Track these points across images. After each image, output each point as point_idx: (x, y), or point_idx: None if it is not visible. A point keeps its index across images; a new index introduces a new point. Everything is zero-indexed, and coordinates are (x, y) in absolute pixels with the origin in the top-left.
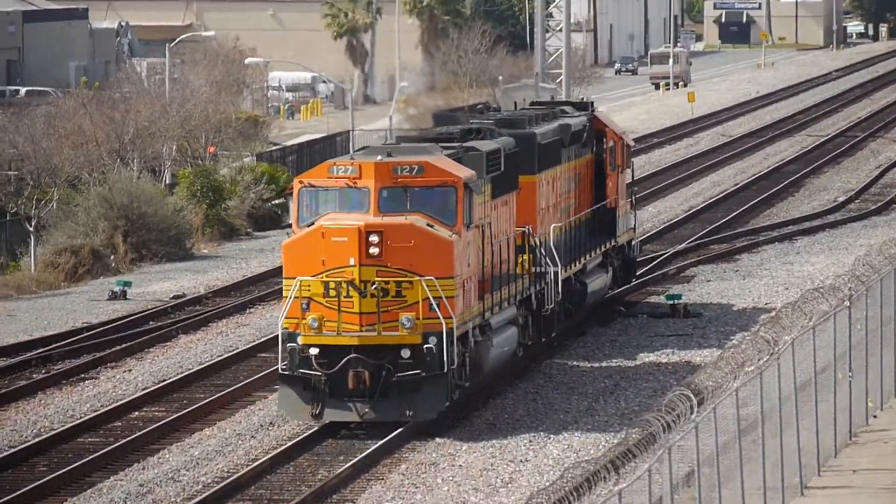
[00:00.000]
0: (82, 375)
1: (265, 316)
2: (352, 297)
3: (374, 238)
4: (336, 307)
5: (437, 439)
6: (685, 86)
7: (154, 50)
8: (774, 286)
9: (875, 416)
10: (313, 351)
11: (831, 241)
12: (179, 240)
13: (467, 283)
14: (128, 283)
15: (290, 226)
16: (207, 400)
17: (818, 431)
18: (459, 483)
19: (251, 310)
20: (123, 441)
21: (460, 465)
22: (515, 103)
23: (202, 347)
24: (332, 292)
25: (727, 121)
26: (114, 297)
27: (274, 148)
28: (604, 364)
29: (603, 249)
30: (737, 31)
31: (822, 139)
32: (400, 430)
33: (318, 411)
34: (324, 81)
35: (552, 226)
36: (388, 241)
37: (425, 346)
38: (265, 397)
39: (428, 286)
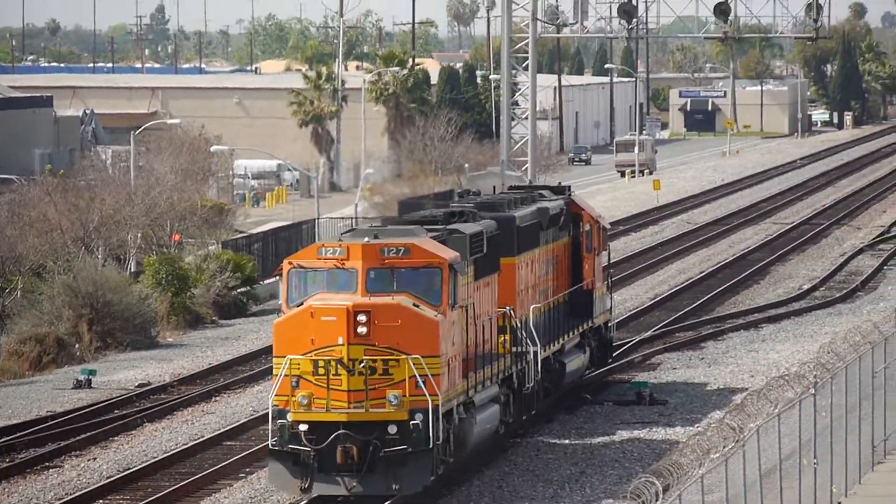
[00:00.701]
0: (47, 464)
1: (231, 404)
2: (340, 374)
3: (361, 317)
4: (325, 385)
5: None
6: (651, 173)
7: (119, 138)
8: (740, 373)
9: (840, 503)
10: (303, 427)
11: (796, 329)
12: (145, 328)
13: (452, 362)
14: (93, 372)
15: (278, 309)
16: (172, 488)
17: None
18: None
19: (216, 398)
20: None
21: None
22: (494, 187)
23: (167, 436)
24: (322, 370)
25: (692, 208)
26: (79, 385)
27: (239, 236)
28: (569, 451)
29: (580, 330)
30: (702, 119)
31: (787, 227)
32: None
33: (307, 485)
34: (289, 169)
35: (532, 307)
36: (375, 321)
37: (412, 422)
38: (230, 485)
39: (414, 364)
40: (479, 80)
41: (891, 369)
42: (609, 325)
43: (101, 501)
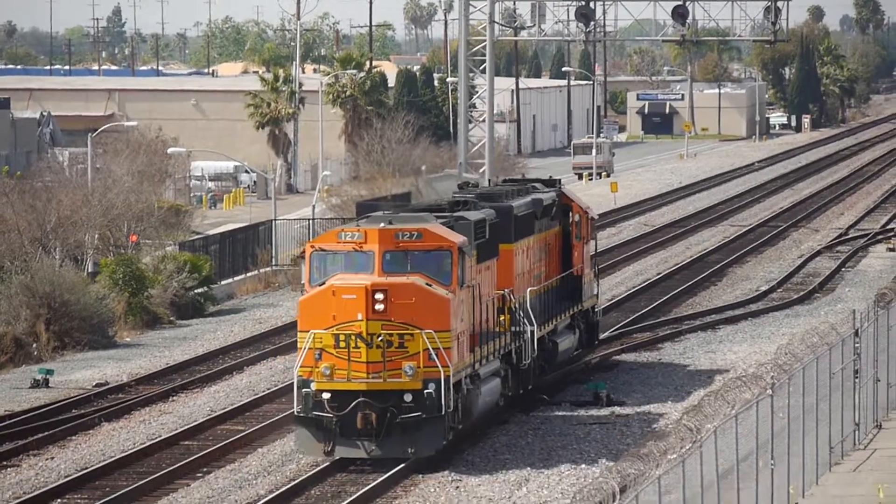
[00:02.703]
0: (4, 463)
1: (188, 404)
2: (360, 347)
3: (379, 296)
4: (346, 357)
5: None
6: (608, 176)
7: (76, 140)
8: (697, 374)
9: None
10: (326, 395)
11: (754, 330)
12: (102, 328)
13: (461, 337)
14: (50, 371)
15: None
16: (130, 488)
17: None
18: None
19: (174, 398)
20: None
21: None
22: (490, 180)
23: (125, 435)
24: (343, 344)
25: (650, 211)
26: (36, 385)
27: (196, 237)
28: (526, 452)
29: (571, 313)
30: (660, 122)
31: (745, 229)
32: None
33: (329, 448)
34: (246, 171)
35: (528, 290)
36: (391, 299)
37: (425, 391)
38: (188, 485)
39: (427, 338)
40: (436, 82)
41: (848, 370)
42: (596, 309)
43: (58, 501)
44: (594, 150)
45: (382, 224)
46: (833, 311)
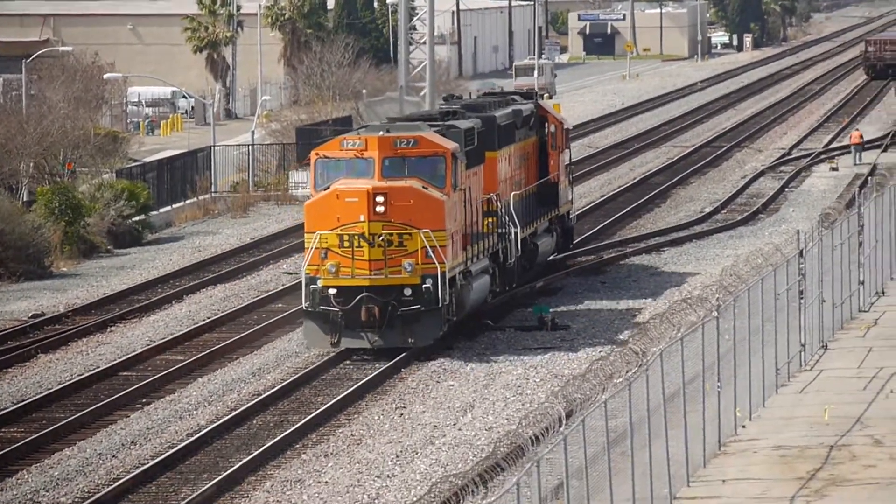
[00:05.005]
0: None
1: (126, 334)
2: (362, 247)
3: (379, 198)
4: (350, 255)
5: (303, 456)
6: (550, 97)
7: (10, 66)
8: (642, 297)
9: (744, 426)
10: (332, 291)
11: (698, 252)
12: (38, 258)
13: (455, 237)
14: None
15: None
16: (68, 420)
17: (687, 442)
18: (325, 500)
19: (112, 328)
20: None
21: (326, 482)
22: (471, 93)
23: (62, 367)
24: (346, 243)
25: (593, 132)
26: None
27: (134, 164)
28: (471, 378)
29: (548, 217)
30: (601, 43)
31: (688, 150)
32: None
33: (336, 340)
34: (184, 96)
35: (512, 194)
36: (391, 201)
37: (423, 286)
38: (127, 416)
39: (425, 237)
40: (376, 4)
41: (793, 291)
42: (570, 214)
43: None
44: (536, 72)
45: (381, 132)
46: (777, 232)
